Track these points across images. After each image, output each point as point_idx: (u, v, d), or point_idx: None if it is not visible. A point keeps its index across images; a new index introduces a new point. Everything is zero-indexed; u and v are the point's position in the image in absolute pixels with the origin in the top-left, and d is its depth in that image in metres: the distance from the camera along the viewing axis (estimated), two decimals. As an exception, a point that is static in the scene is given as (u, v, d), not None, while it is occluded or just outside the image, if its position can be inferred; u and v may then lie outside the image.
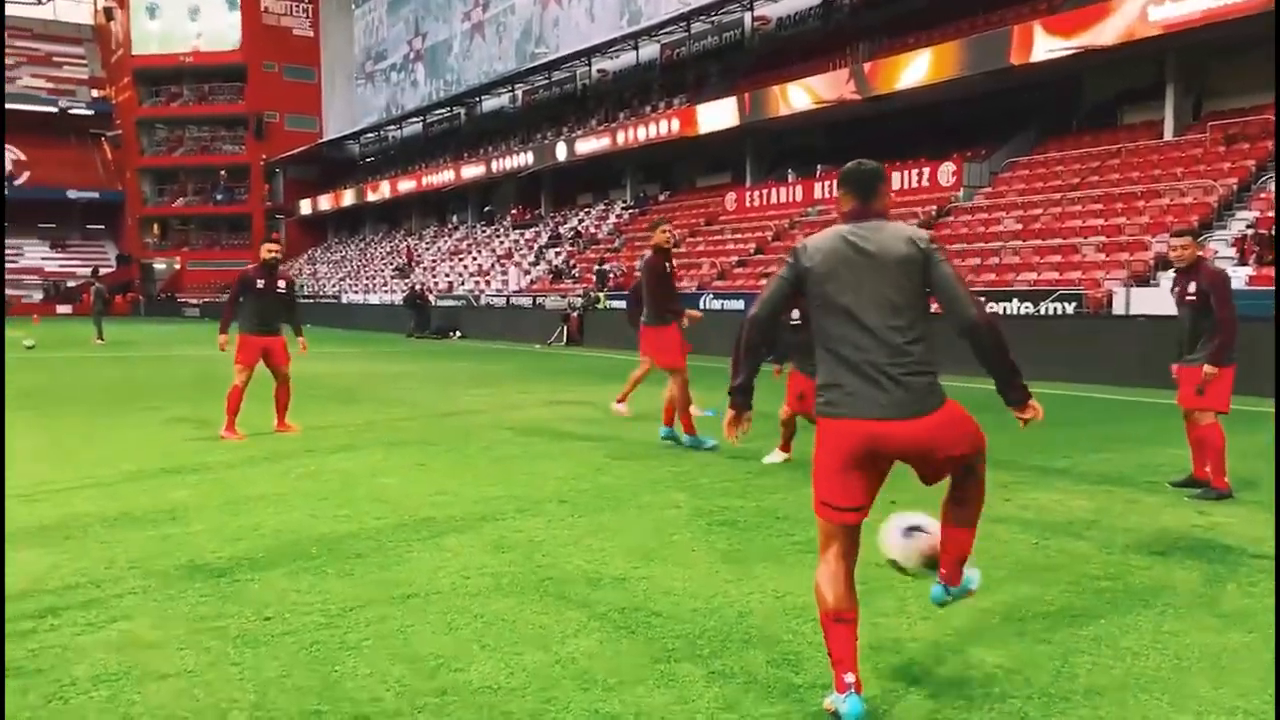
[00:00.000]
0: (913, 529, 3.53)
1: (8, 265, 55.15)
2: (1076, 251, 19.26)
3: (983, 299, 18.62)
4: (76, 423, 10.46)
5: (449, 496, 6.66)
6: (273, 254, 9.65)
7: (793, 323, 7.54)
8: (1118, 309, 16.78)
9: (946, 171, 24.63)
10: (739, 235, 29.22)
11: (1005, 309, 17.97)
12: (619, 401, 9.96)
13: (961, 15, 26.30)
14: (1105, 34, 20.50)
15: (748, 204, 30.69)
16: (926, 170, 25.08)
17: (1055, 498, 6.62)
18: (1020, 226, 21.25)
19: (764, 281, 8.30)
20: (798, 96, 27.80)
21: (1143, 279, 17.28)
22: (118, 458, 8.17)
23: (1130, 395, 13.15)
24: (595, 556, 5.12)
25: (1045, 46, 21.56)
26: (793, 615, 4.13)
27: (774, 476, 7.33)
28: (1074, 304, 17.19)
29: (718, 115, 30.63)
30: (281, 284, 9.66)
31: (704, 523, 5.90)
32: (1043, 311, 17.48)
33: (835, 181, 3.50)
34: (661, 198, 36.90)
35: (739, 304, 23.11)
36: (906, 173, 25.47)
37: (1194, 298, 6.56)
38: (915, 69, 24.49)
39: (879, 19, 29.53)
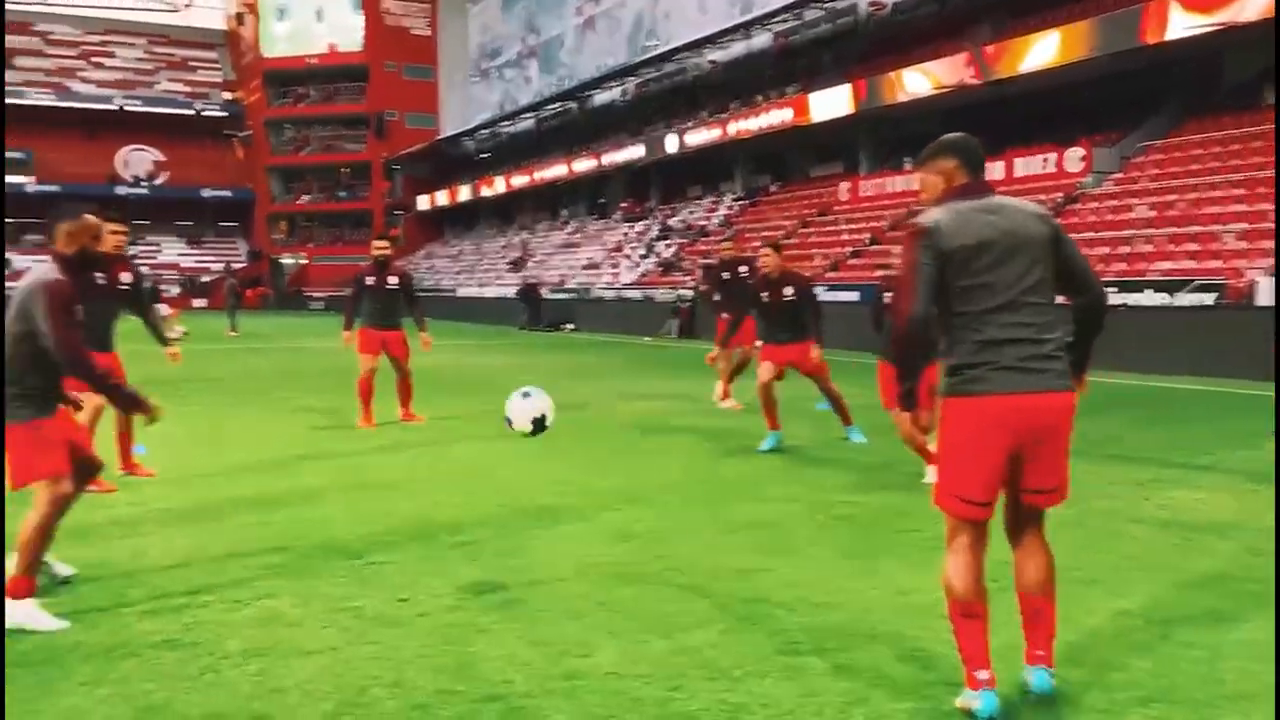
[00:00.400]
0: (528, 394, 4.64)
1: (150, 261, 58.24)
2: (1216, 239, 18.30)
3: (1114, 289, 17.95)
4: (216, 411, 11.00)
5: (567, 486, 6.76)
6: (382, 251, 9.97)
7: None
8: (1261, 300, 15.88)
9: (1074, 157, 23.69)
10: (852, 225, 28.73)
11: (1137, 300, 17.22)
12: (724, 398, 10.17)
13: (1087, -5, 25.25)
14: (1248, 9, 19.39)
15: (861, 194, 30.13)
16: (1053, 156, 24.16)
17: (1198, 496, 6.33)
18: (1154, 214, 20.30)
19: (882, 273, 8.05)
20: (914, 82, 27.14)
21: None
22: (255, 445, 8.56)
23: (1270, 390, 12.45)
24: (715, 548, 5.14)
25: (1182, 24, 20.51)
26: (919, 612, 4.06)
27: (893, 472, 7.20)
28: (1214, 294, 16.35)
29: (831, 103, 30.17)
30: (393, 279, 9.89)
31: (823, 517, 5.85)
32: (1179, 303, 16.68)
33: (933, 152, 3.32)
34: (773, 189, 36.56)
35: (853, 295, 22.71)
36: (1031, 159, 24.60)
37: None
38: (1040, 51, 23.61)
39: (997, 1, 28.58)
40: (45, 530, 4.04)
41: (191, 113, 66.36)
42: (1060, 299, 3.26)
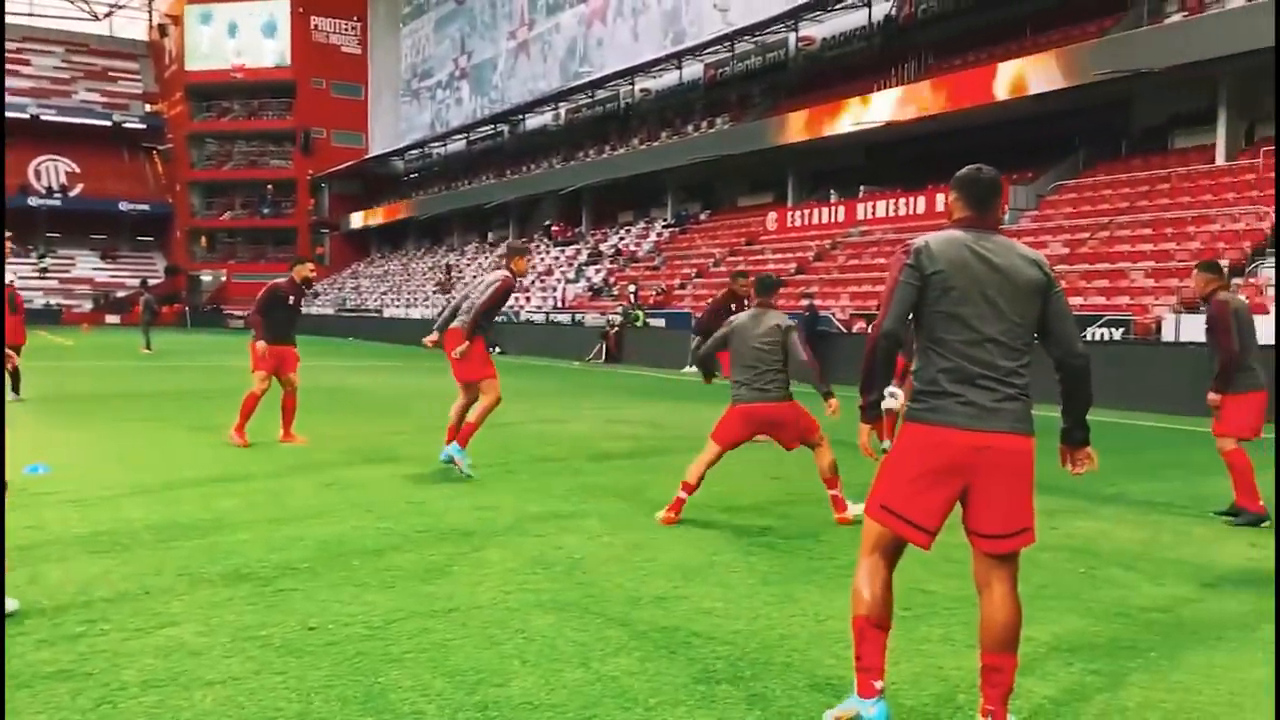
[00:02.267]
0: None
1: (61, 275, 56.42)
2: (1125, 277, 18.99)
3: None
4: (125, 430, 10.65)
5: (490, 511, 6.68)
6: (313, 273, 10.01)
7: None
8: (1167, 335, 16.51)
9: (991, 194, 24.41)
10: (780, 255, 29.16)
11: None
12: None
13: (1010, 37, 26.15)
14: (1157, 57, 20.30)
15: (789, 224, 30.63)
16: (971, 192, 24.87)
17: (1103, 527, 6.51)
18: (1067, 250, 21.01)
19: (806, 301, 8.17)
20: (841, 117, 27.76)
21: (1193, 306, 16.97)
22: (166, 466, 8.30)
23: (1180, 424, 12.92)
24: (635, 575, 5.11)
25: (1095, 69, 21.37)
26: (834, 639, 4.09)
27: (814, 501, 7.26)
28: (1121, 330, 16.94)
29: (758, 135, 30.71)
30: (302, 300, 10.05)
31: (744, 543, 5.87)
32: (1089, 337, 17.23)
33: (951, 183, 3.33)
34: (702, 216, 36.94)
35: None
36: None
37: (1207, 328, 6.76)
38: (963, 90, 24.37)
39: (925, 40, 29.44)
40: None
41: (109, 124, 64.66)
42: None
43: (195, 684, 3.53)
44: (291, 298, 9.75)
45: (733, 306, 10.83)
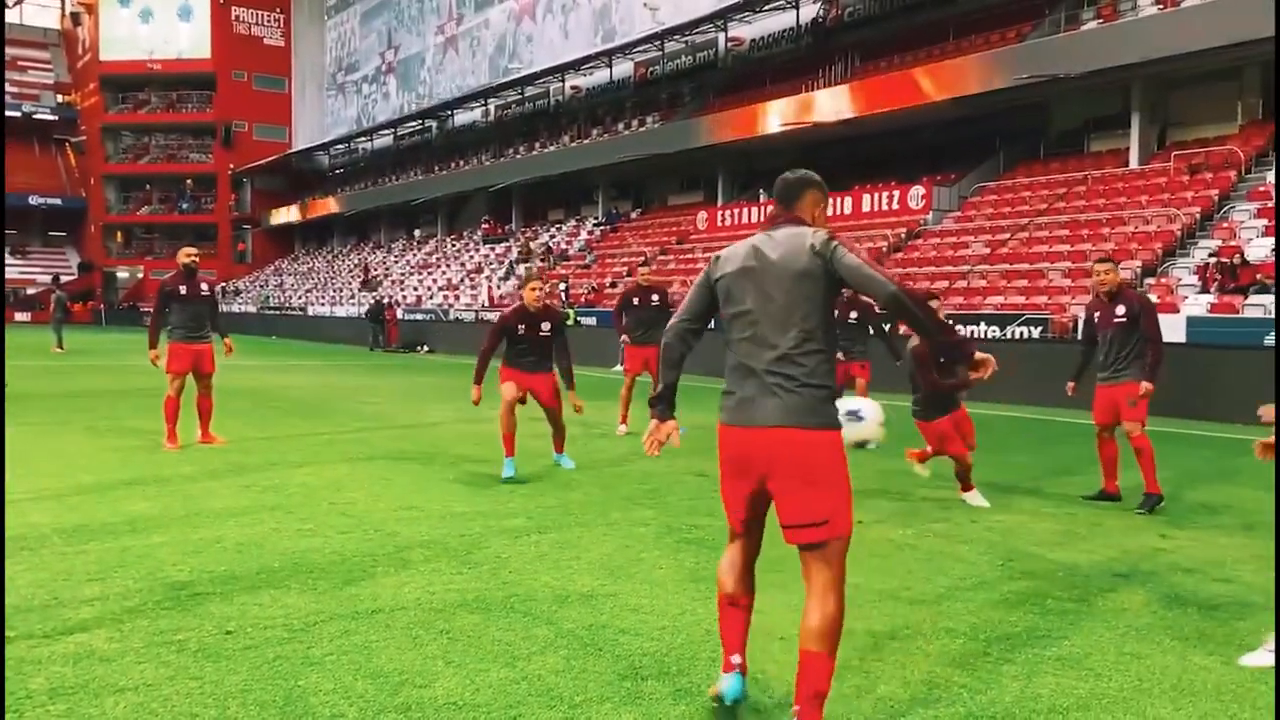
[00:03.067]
0: (851, 413, 3.92)
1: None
2: (1043, 276, 19.51)
3: (950, 321, 18.85)
4: (33, 432, 10.27)
5: (414, 511, 6.60)
6: (190, 258, 9.58)
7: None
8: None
9: (916, 195, 24.90)
10: (709, 253, 29.31)
11: (973, 331, 18.14)
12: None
13: (933, 41, 26.67)
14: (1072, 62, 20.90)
15: (719, 223, 30.81)
16: (897, 193, 25.34)
17: (1020, 519, 6.67)
18: (988, 251, 21.51)
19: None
20: (769, 117, 28.03)
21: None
22: (75, 468, 8.02)
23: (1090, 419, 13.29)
24: (562, 573, 5.09)
25: (1014, 73, 21.92)
26: (760, 634, 4.10)
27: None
28: (1040, 328, 17.40)
29: (688, 134, 30.86)
30: (204, 287, 9.58)
31: (672, 540, 5.89)
32: (1009, 335, 17.68)
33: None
34: (633, 215, 36.98)
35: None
36: (877, 195, 25.71)
37: (1123, 319, 6.93)
38: (888, 93, 24.79)
39: (852, 42, 29.88)
40: None
41: (19, 115, 62.32)
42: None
43: (106, 691, 3.42)
44: (182, 289, 9.39)
45: (634, 300, 11.19)
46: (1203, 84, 21.69)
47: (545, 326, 8.06)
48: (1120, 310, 7.02)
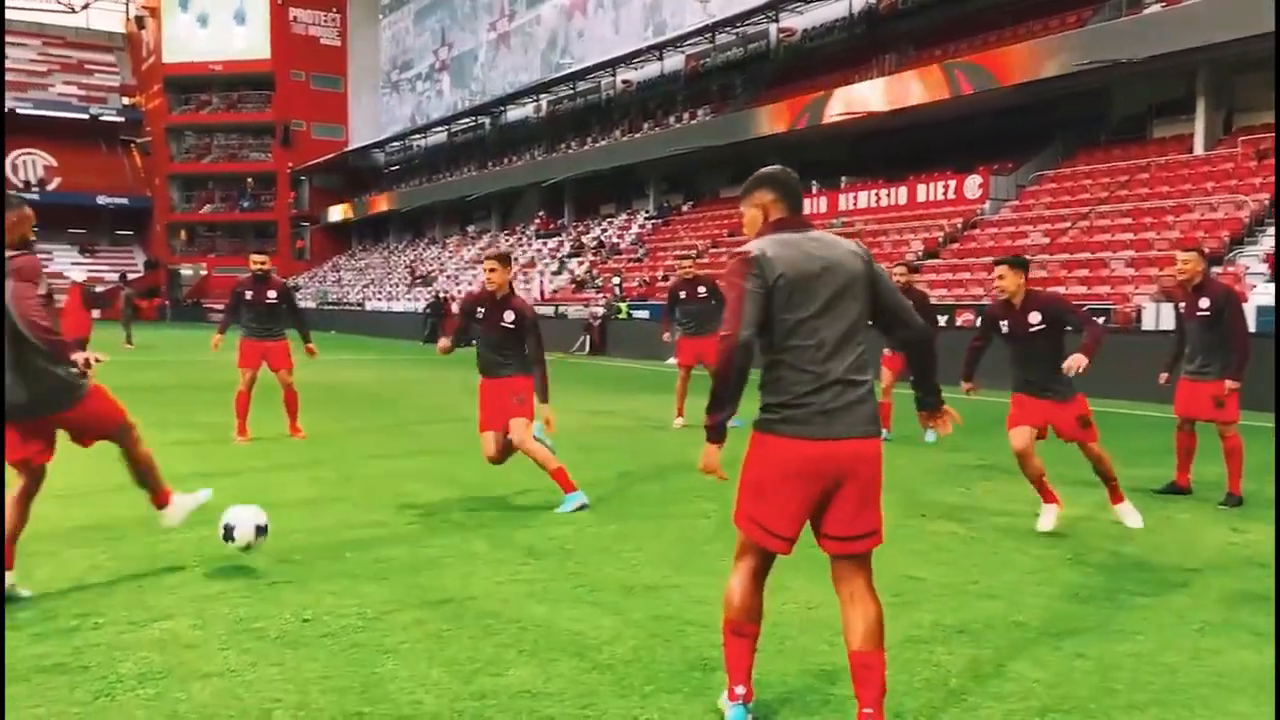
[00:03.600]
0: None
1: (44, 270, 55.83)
2: (1105, 266, 19.14)
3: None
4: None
5: (479, 502, 6.70)
6: (258, 265, 9.80)
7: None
8: (1147, 324, 16.65)
9: (973, 184, 24.54)
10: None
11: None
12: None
13: (989, 28, 26.26)
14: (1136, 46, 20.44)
15: (771, 215, 30.66)
16: (952, 183, 24.99)
17: (1087, 513, 6.58)
18: (1048, 240, 21.14)
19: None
20: (822, 108, 27.80)
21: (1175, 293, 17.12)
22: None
23: (1163, 411, 13.03)
24: (626, 565, 5.14)
25: (1074, 60, 21.50)
26: (825, 627, 4.13)
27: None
28: (1102, 319, 17.07)
29: (738, 127, 30.74)
30: (272, 294, 9.71)
31: (734, 533, 5.89)
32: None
33: (751, 185, 3.27)
34: (685, 208, 36.94)
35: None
36: (932, 185, 25.39)
37: (1207, 313, 6.68)
38: (943, 81, 24.45)
39: (906, 30, 29.52)
40: None
41: (86, 117, 63.95)
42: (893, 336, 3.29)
43: (192, 676, 3.53)
44: (250, 293, 9.63)
45: (682, 294, 11.16)
46: (1269, 67, 21.05)
47: (509, 318, 6.65)
48: (1204, 303, 6.83)
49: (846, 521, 3.06)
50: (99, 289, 57.95)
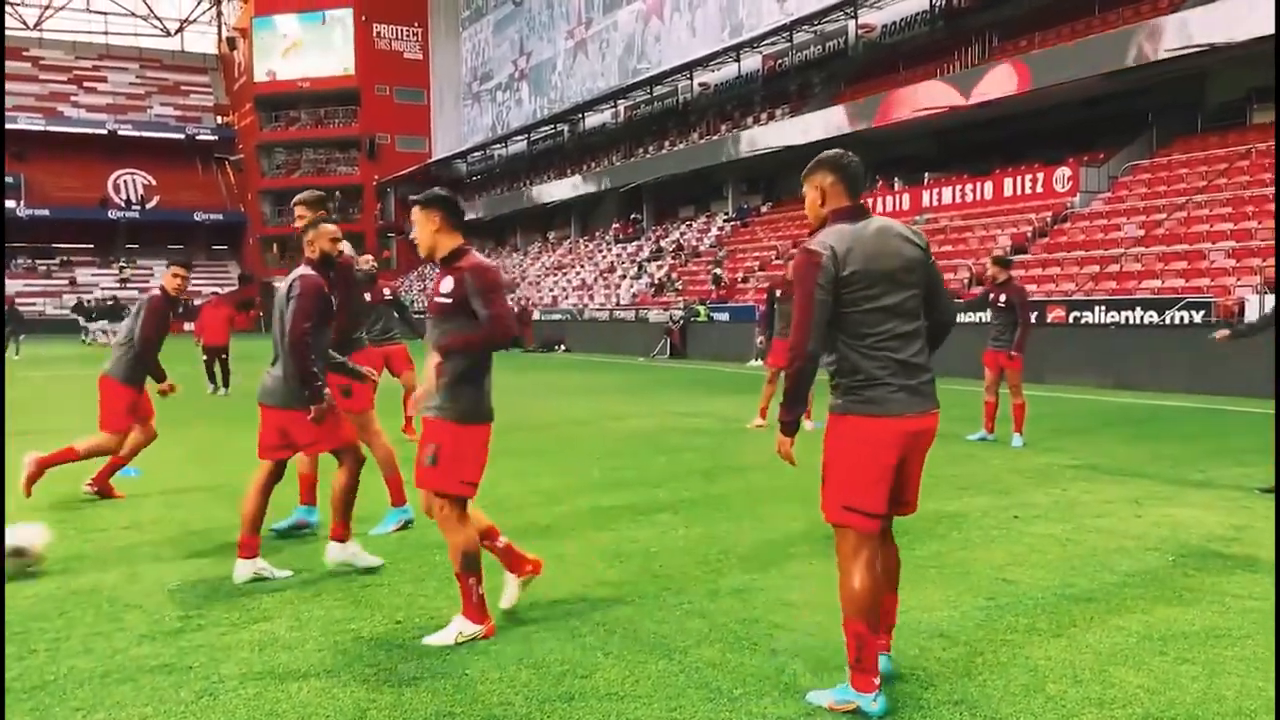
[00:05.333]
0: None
1: (141, 285, 58.10)
2: (1204, 258, 18.43)
3: (1103, 307, 18.00)
4: (205, 434, 10.95)
5: (563, 506, 6.75)
6: (367, 265, 10.06)
7: None
8: (1251, 317, 15.98)
9: (1062, 177, 23.86)
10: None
11: (1127, 318, 17.31)
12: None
13: (1076, 15, 25.52)
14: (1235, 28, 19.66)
15: (852, 213, 30.27)
16: (1040, 176, 24.34)
17: (1192, 513, 6.34)
18: (1143, 233, 20.45)
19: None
20: (904, 103, 27.37)
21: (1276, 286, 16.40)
22: (252, 465, 8.50)
23: (1265, 408, 12.50)
24: (711, 567, 5.13)
25: (1166, 45, 20.76)
26: (910, 631, 4.06)
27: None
28: (1202, 312, 16.44)
29: (824, 124, 30.41)
30: (386, 292, 10.18)
31: (822, 535, 5.83)
32: (1168, 320, 16.78)
33: (813, 168, 3.41)
34: (764, 209, 36.72)
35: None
36: (1019, 179, 24.77)
37: None
38: (1028, 72, 23.85)
39: (988, 21, 28.86)
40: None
41: (183, 137, 66.41)
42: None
43: (291, 677, 3.63)
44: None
45: (779, 294, 11.12)
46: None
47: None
48: None
49: (912, 489, 3.44)
50: (197, 302, 59.96)
